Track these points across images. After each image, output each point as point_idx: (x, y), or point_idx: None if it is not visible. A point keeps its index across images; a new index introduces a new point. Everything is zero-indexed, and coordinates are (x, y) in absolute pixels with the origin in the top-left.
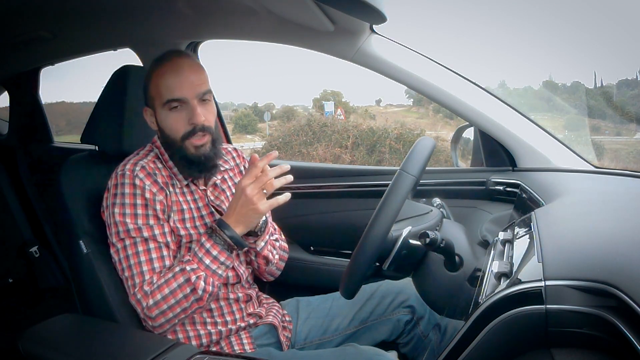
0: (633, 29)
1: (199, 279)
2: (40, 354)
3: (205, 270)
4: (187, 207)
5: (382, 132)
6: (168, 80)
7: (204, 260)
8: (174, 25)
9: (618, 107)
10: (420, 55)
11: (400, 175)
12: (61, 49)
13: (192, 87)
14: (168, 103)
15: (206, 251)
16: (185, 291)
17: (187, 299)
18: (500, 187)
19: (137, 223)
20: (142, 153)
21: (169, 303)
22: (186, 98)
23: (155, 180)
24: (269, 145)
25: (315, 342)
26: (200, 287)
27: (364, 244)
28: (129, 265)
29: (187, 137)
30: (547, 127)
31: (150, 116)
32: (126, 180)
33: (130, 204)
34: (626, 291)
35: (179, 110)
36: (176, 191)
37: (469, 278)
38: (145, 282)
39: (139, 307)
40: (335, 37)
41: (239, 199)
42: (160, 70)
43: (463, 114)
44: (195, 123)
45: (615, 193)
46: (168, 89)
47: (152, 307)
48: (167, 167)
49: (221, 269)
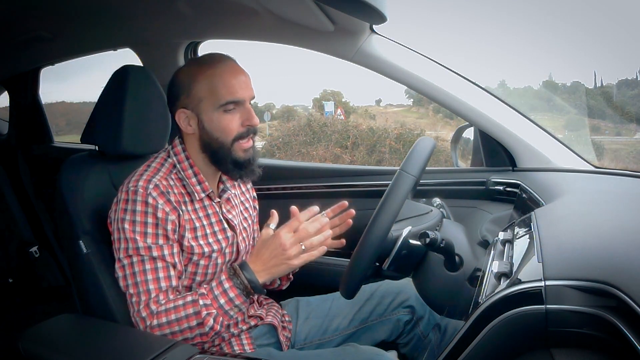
0: (633, 29)
1: (210, 315)
2: (40, 354)
3: (218, 309)
4: (199, 224)
5: (382, 132)
6: (228, 81)
7: (219, 300)
8: (174, 25)
9: (618, 107)
10: (420, 55)
11: (400, 175)
12: (61, 49)
13: (248, 90)
14: (226, 104)
15: (223, 291)
16: (192, 323)
17: (192, 330)
18: (500, 187)
19: (147, 242)
20: (154, 165)
21: (173, 329)
22: (243, 99)
23: (169, 200)
24: (268, 145)
25: (315, 342)
26: (208, 324)
27: (364, 244)
28: (135, 282)
29: (238, 139)
30: (547, 127)
31: (187, 118)
32: (138, 198)
33: (141, 222)
34: (626, 291)
35: (233, 112)
36: (189, 209)
37: (469, 278)
38: (152, 300)
39: (142, 324)
40: (335, 37)
41: (272, 247)
42: (217, 69)
43: (463, 114)
44: (251, 125)
45: (615, 193)
46: (228, 90)
47: (155, 328)
48: (184, 176)
49: (234, 310)
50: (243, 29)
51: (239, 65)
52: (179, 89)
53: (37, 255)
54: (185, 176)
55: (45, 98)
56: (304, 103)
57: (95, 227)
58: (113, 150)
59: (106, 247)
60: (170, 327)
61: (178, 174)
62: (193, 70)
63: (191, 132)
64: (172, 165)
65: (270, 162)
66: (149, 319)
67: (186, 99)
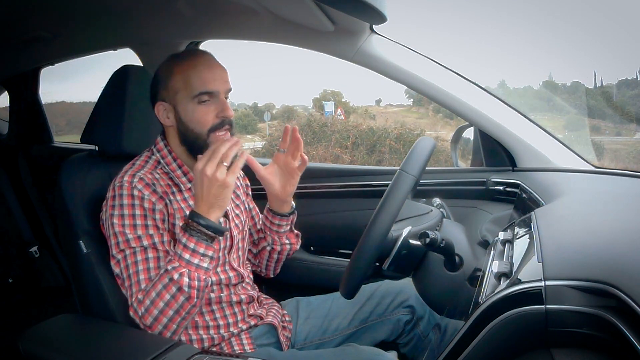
0: (633, 29)
1: (182, 275)
2: (40, 354)
3: (187, 266)
4: (189, 211)
5: (382, 132)
6: (202, 73)
7: (183, 256)
8: (174, 25)
9: (618, 107)
10: (420, 55)
11: (400, 175)
12: (61, 49)
13: (223, 82)
14: (199, 95)
15: (184, 246)
16: (172, 291)
17: (176, 298)
18: (500, 187)
19: (137, 233)
20: (138, 163)
21: (159, 307)
22: (218, 92)
23: (154, 190)
24: (269, 145)
25: (315, 342)
26: (185, 284)
27: (364, 244)
28: (128, 275)
29: (214, 130)
30: (547, 127)
31: (165, 111)
32: (124, 192)
33: (129, 215)
34: (626, 291)
35: (208, 104)
36: (177, 198)
37: (469, 278)
38: (140, 290)
39: (136, 316)
40: (335, 37)
41: (202, 183)
42: (190, 63)
43: (463, 114)
44: (225, 116)
45: (615, 193)
46: (201, 82)
47: (145, 315)
48: (169, 170)
49: (204, 261)
50: (243, 29)
51: (214, 59)
52: (158, 83)
53: (37, 255)
54: (170, 169)
55: (45, 98)
56: (304, 103)
57: (95, 227)
58: (113, 150)
59: (106, 247)
60: (156, 306)
61: (163, 168)
62: (171, 64)
63: (170, 125)
64: (156, 162)
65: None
66: (139, 308)
67: (164, 92)
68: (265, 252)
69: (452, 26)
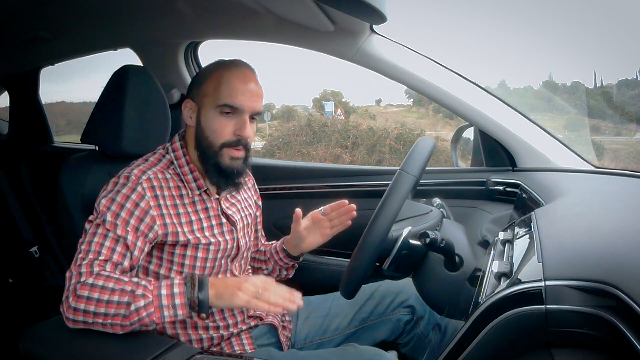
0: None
1: (144, 298)
2: (40, 354)
3: (155, 298)
4: (195, 217)
5: (382, 132)
6: (233, 85)
7: (161, 289)
8: (174, 25)
9: (618, 107)
10: (420, 55)
11: (400, 175)
12: (61, 49)
13: (252, 101)
14: (223, 106)
15: (170, 284)
16: (123, 299)
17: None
18: (500, 187)
19: (116, 222)
20: (151, 159)
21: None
22: (242, 108)
23: (156, 195)
24: (269, 145)
25: (315, 342)
26: (136, 304)
27: (364, 244)
28: (90, 241)
29: (227, 146)
30: (547, 127)
31: (190, 110)
32: (129, 184)
33: (119, 203)
34: (626, 291)
35: (229, 117)
36: (185, 202)
37: (469, 278)
38: (98, 261)
39: (75, 278)
40: (335, 37)
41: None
42: (228, 71)
43: (463, 114)
44: (241, 136)
45: (615, 193)
46: (229, 93)
47: (86, 286)
48: (181, 173)
49: (169, 310)
50: (243, 29)
51: (254, 77)
52: (195, 81)
53: (37, 255)
54: (182, 172)
55: (45, 98)
56: (304, 103)
57: None
58: (113, 150)
59: None
60: (102, 292)
61: (175, 169)
62: (212, 67)
63: (191, 125)
64: (169, 162)
65: (271, 162)
66: (86, 275)
67: (196, 91)
68: (260, 272)
69: (452, 26)
